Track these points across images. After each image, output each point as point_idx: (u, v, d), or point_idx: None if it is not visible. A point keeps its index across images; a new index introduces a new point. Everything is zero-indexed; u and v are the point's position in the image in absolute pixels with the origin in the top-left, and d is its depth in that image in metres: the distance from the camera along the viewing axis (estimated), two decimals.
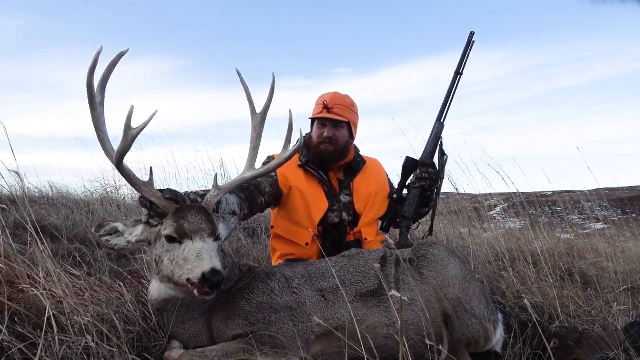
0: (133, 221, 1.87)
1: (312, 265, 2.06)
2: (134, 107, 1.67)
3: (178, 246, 1.72)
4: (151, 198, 1.78)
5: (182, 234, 1.71)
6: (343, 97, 2.59)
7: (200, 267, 1.62)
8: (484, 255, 3.44)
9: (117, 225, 1.84)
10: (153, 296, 1.84)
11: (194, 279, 1.64)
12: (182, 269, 1.68)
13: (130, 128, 1.70)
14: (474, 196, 5.59)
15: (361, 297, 1.92)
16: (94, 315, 1.74)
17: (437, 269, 2.01)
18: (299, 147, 2.08)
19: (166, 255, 1.73)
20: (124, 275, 2.35)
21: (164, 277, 1.77)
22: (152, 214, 1.80)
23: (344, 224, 2.55)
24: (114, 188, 5.34)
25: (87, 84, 1.66)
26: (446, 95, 2.71)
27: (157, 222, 1.80)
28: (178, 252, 1.71)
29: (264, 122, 2.14)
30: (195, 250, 1.67)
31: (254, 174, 2.06)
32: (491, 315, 1.97)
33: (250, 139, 2.14)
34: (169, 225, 1.73)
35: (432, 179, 2.59)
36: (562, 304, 2.51)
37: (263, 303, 1.83)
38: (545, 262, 3.09)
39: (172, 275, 1.72)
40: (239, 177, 2.06)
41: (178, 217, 1.74)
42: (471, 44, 2.72)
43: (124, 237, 1.82)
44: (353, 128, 2.63)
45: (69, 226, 3.57)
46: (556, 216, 6.22)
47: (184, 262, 1.68)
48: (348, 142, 2.62)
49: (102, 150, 1.77)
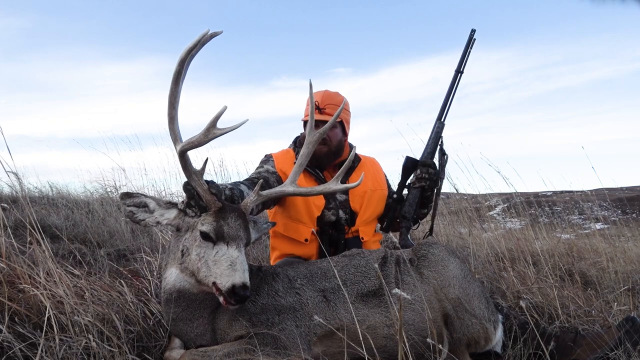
0: (167, 202, 1.84)
1: (314, 265, 2.06)
2: (226, 108, 1.64)
3: (211, 246, 1.71)
4: (197, 188, 1.76)
5: (219, 236, 1.70)
6: (333, 95, 2.57)
7: (232, 279, 1.62)
8: (484, 256, 3.44)
9: (148, 201, 1.80)
10: (168, 283, 1.81)
11: (221, 286, 1.63)
12: (209, 269, 1.68)
13: (214, 127, 1.67)
14: (474, 196, 5.60)
15: (362, 297, 1.92)
16: (94, 315, 1.74)
17: (437, 269, 2.01)
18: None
19: (195, 250, 1.72)
20: (124, 275, 2.35)
21: (187, 269, 1.75)
22: (193, 204, 1.78)
23: (341, 223, 2.55)
24: (113, 188, 5.34)
25: (180, 59, 1.64)
26: (447, 94, 2.69)
27: (194, 213, 1.79)
28: (210, 252, 1.70)
29: (319, 142, 2.15)
30: (229, 258, 1.67)
31: (295, 191, 2.06)
32: (491, 315, 1.98)
33: (300, 154, 2.14)
34: (208, 222, 1.72)
35: (432, 179, 2.59)
36: (562, 304, 2.51)
37: (267, 305, 1.83)
38: (545, 262, 3.10)
39: (197, 272, 1.71)
40: (279, 189, 2.07)
41: (219, 218, 1.73)
42: (472, 41, 2.69)
43: (153, 216, 1.80)
44: (346, 125, 2.62)
45: (69, 226, 3.57)
46: (556, 216, 6.22)
47: (213, 265, 1.67)
48: (342, 141, 2.60)
49: (168, 128, 1.73)
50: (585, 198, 5.11)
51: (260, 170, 2.48)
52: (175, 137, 1.74)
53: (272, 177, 2.43)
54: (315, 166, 2.57)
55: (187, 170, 1.76)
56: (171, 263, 1.83)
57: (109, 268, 2.59)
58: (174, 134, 1.74)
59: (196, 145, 1.71)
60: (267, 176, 2.42)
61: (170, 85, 1.67)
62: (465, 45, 2.70)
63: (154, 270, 2.49)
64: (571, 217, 6.50)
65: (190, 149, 1.72)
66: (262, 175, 2.40)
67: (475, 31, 2.70)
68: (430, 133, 2.68)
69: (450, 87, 2.70)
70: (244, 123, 1.68)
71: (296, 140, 2.72)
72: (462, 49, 2.70)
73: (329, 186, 2.09)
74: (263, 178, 2.37)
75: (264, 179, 2.36)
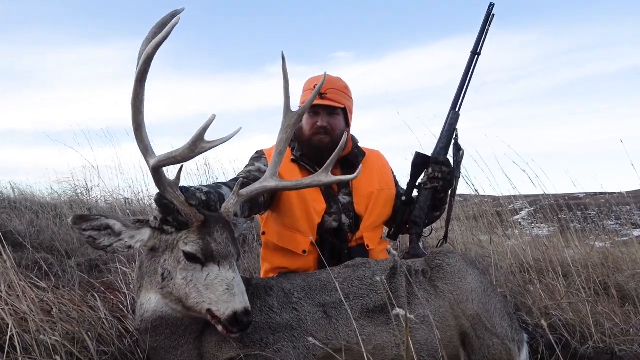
0: (135, 222, 1.78)
1: (312, 277, 2.06)
2: (214, 117, 1.57)
3: (199, 267, 1.67)
4: (175, 202, 1.70)
5: (208, 256, 1.67)
6: (335, 79, 2.56)
7: (232, 305, 1.61)
8: (507, 266, 3.45)
9: (112, 223, 1.73)
10: (147, 310, 1.76)
11: (220, 314, 1.62)
12: (201, 295, 1.65)
13: (201, 140, 1.60)
14: (496, 198, 5.60)
15: (367, 313, 1.93)
16: (63, 334, 1.75)
17: (453, 282, 2.01)
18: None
19: (181, 274, 1.68)
20: (97, 288, 2.36)
21: (171, 295, 1.71)
22: (170, 220, 1.72)
23: (343, 229, 2.53)
24: (84, 189, 5.36)
25: (146, 56, 1.54)
26: (461, 80, 2.67)
27: (172, 229, 1.74)
28: (199, 275, 1.67)
29: (297, 124, 2.10)
30: (225, 281, 1.65)
31: (279, 185, 2.02)
32: (515, 335, 1.98)
33: (278, 141, 2.09)
34: (193, 241, 1.68)
35: (445, 179, 2.57)
36: (597, 321, 2.51)
37: (260, 323, 1.83)
38: (577, 274, 3.10)
39: (186, 298, 1.67)
40: (259, 185, 2.03)
41: (204, 234, 1.69)
42: (490, 17, 2.67)
43: (121, 240, 1.73)
44: (349, 114, 2.61)
45: (33, 233, 3.58)
46: (589, 221, 6.23)
47: (206, 290, 1.65)
48: (344, 131, 2.57)
49: (135, 137, 1.67)
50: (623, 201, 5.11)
51: (251, 169, 2.44)
52: (144, 147, 1.67)
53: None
54: (314, 162, 2.55)
55: (161, 183, 1.69)
56: (148, 287, 1.77)
57: (80, 280, 2.60)
58: (142, 143, 1.67)
59: (179, 161, 1.65)
60: (258, 176, 2.35)
61: (134, 86, 1.58)
62: (483, 23, 2.68)
63: (130, 282, 2.49)
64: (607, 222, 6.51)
65: (171, 164, 1.67)
66: (252, 175, 2.36)
67: (493, 5, 2.67)
68: (443, 125, 2.66)
69: (465, 71, 2.68)
70: (237, 133, 1.65)
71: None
72: (479, 28, 2.68)
73: (318, 178, 2.06)
74: (253, 178, 2.32)
75: (253, 179, 2.30)
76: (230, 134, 1.65)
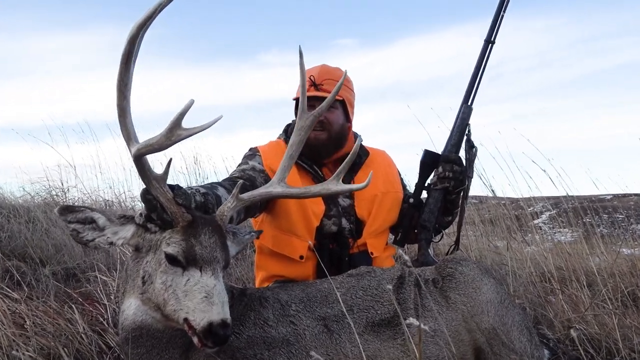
0: (120, 217, 1.81)
1: (312, 287, 2.07)
2: (193, 102, 1.61)
3: (180, 271, 1.68)
4: (160, 198, 1.72)
5: (190, 260, 1.68)
6: (333, 70, 2.57)
7: (208, 315, 1.60)
8: (527, 275, 3.46)
9: (96, 217, 1.77)
10: (127, 318, 1.78)
11: (195, 324, 1.61)
12: (179, 302, 1.65)
13: (179, 127, 1.64)
14: (515, 200, 5.61)
15: (373, 327, 1.93)
16: (37, 348, 1.76)
17: (467, 292, 2.02)
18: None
19: (160, 277, 1.69)
20: (74, 299, 2.37)
21: (150, 301, 1.73)
22: (154, 218, 1.75)
23: (344, 234, 2.54)
24: (60, 190, 5.37)
25: (130, 36, 1.58)
26: (474, 71, 2.69)
27: (156, 228, 1.76)
28: (179, 280, 1.67)
29: (312, 126, 2.12)
30: (204, 289, 1.64)
31: (285, 192, 2.03)
32: (535, 351, 1.98)
33: (290, 144, 2.11)
34: (175, 242, 1.69)
35: (457, 178, 2.57)
36: (624, 335, 2.52)
37: (254, 337, 1.83)
38: (603, 284, 3.10)
39: (164, 305, 1.68)
40: (264, 190, 2.04)
41: (188, 235, 1.70)
42: (506, 2, 2.68)
43: (104, 236, 1.77)
44: (349, 108, 2.61)
45: (4, 238, 3.59)
46: (617, 226, 6.24)
47: (184, 296, 1.65)
48: (344, 127, 2.59)
49: (119, 123, 1.70)
50: None
51: (245, 168, 2.46)
52: (128, 134, 1.70)
53: (259, 176, 2.42)
54: (311, 160, 2.56)
55: (145, 176, 1.71)
56: (130, 292, 1.80)
57: (56, 290, 2.60)
58: (126, 130, 1.69)
59: (156, 149, 1.68)
60: (253, 175, 2.40)
61: (119, 69, 1.61)
62: (498, 7, 2.69)
63: (111, 293, 2.50)
64: (635, 226, 6.52)
65: (149, 153, 1.70)
66: (246, 174, 2.39)
67: None
68: (455, 120, 2.67)
69: (478, 61, 2.69)
70: (217, 120, 1.66)
71: (287, 128, 2.72)
72: (494, 13, 2.69)
73: (328, 186, 2.07)
74: (247, 177, 2.35)
75: (248, 179, 2.34)
76: (210, 122, 1.66)
